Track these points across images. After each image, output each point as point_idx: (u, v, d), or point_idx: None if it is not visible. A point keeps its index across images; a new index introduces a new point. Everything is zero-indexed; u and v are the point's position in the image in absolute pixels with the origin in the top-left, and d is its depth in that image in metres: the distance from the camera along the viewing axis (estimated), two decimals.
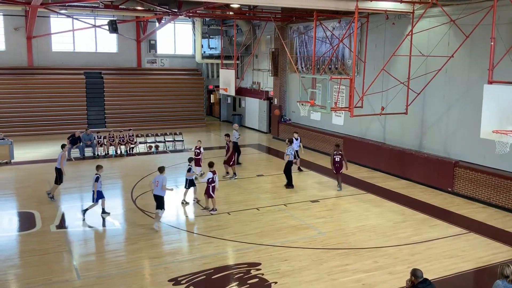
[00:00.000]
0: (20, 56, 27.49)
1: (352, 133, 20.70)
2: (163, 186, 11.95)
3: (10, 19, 26.93)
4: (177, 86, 30.51)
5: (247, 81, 29.78)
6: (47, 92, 27.04)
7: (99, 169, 12.93)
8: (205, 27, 28.98)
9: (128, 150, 21.57)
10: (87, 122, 27.32)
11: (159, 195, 12.03)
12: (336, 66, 21.15)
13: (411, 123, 17.51)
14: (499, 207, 13.97)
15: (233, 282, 9.19)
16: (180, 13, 22.25)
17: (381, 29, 18.29)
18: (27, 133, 25.59)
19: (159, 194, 12.03)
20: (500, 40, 12.93)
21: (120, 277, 9.36)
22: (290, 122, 25.11)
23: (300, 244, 11.11)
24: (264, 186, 16.41)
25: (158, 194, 12.03)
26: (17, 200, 14.92)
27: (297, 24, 23.75)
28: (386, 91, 17.17)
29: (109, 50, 29.92)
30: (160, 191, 12.02)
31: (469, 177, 14.90)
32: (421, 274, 6.53)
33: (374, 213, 13.54)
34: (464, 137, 15.57)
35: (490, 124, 10.36)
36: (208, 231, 11.90)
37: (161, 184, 11.91)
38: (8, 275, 9.45)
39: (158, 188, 11.97)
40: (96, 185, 12.60)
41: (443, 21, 15.24)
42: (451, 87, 15.93)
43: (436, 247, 11.05)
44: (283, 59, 25.32)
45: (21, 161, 19.55)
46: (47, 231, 11.81)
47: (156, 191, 12.04)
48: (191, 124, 29.58)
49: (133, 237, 11.49)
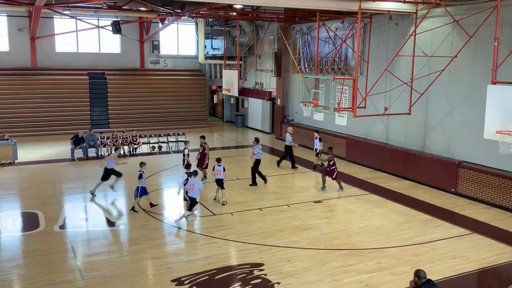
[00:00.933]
0: (24, 56, 27.59)
1: (355, 133, 20.68)
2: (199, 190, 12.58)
3: (14, 20, 27.02)
4: (180, 87, 30.56)
5: (250, 82, 29.79)
6: (50, 92, 27.13)
7: (143, 165, 13.27)
8: (208, 28, 29.03)
9: (131, 151, 21.62)
10: (91, 122, 27.38)
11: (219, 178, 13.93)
12: (339, 66, 21.13)
13: (415, 124, 17.47)
14: (502, 208, 13.93)
15: (236, 283, 9.19)
16: (183, 14, 22.28)
17: (384, 30, 18.27)
18: (30, 134, 25.67)
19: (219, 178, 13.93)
20: (504, 40, 12.89)
21: (123, 278, 9.37)
22: (293, 123, 25.10)
23: (303, 245, 11.10)
24: (267, 186, 16.40)
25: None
26: (20, 200, 14.96)
27: (300, 25, 23.75)
28: (389, 91, 17.14)
29: (113, 51, 29.99)
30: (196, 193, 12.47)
31: (472, 177, 14.86)
32: (424, 275, 6.52)
33: (377, 214, 13.52)
34: (467, 137, 15.53)
35: (494, 125, 10.32)
36: (211, 232, 11.91)
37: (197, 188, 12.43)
38: (11, 275, 9.48)
39: (194, 191, 12.41)
40: (141, 181, 12.93)
41: (447, 21, 15.20)
42: (455, 88, 15.89)
43: (439, 248, 11.02)
44: (286, 60, 25.31)
45: (25, 162, 19.62)
46: (50, 231, 11.84)
47: (191, 194, 12.45)
48: (194, 125, 29.61)
49: (136, 238, 11.50)
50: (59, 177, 17.46)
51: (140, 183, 13.09)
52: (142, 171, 13.18)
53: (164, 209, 14.07)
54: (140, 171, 13.15)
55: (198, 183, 12.53)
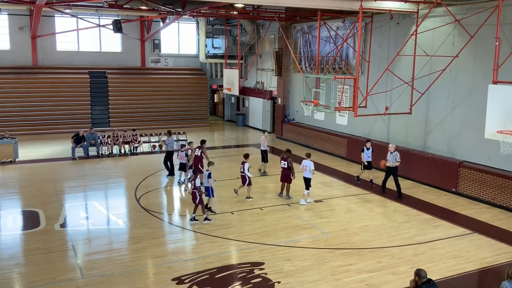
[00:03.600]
0: (25, 55, 27.61)
1: (356, 133, 20.67)
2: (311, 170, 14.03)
3: (15, 19, 27.04)
4: (181, 86, 30.57)
5: (251, 81, 29.78)
6: (51, 91, 27.15)
7: (211, 165, 13.21)
8: (209, 27, 29.00)
9: (132, 149, 21.63)
10: (91, 121, 27.43)
11: (307, 177, 14.16)
12: (340, 66, 21.12)
13: (415, 123, 17.46)
14: (503, 208, 13.92)
15: (236, 282, 9.19)
16: (184, 13, 22.28)
17: (386, 29, 18.26)
18: (31, 132, 25.70)
19: (307, 177, 14.16)
20: (505, 40, 12.89)
21: (124, 276, 9.38)
22: (294, 122, 25.10)
23: (303, 244, 11.10)
24: (267, 185, 16.40)
25: (306, 177, 14.17)
26: (21, 198, 14.97)
27: (301, 24, 23.74)
28: (390, 91, 17.13)
29: (113, 50, 30.00)
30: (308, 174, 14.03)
31: (473, 177, 14.85)
32: (425, 275, 6.51)
33: (378, 213, 13.52)
34: (468, 137, 15.52)
35: (495, 124, 10.31)
36: (211, 231, 11.91)
37: (309, 168, 13.96)
38: (12, 274, 9.48)
39: (306, 171, 14.02)
40: (210, 181, 12.91)
41: (448, 21, 15.19)
42: (456, 87, 15.88)
43: (439, 247, 11.02)
44: (287, 59, 25.30)
45: (26, 160, 19.64)
46: (51, 230, 11.85)
47: (304, 174, 14.09)
48: (194, 124, 29.64)
49: (137, 236, 11.51)
50: (59, 175, 17.47)
51: (208, 183, 12.94)
52: (210, 170, 13.05)
53: (164, 208, 14.09)
54: (208, 170, 13.04)
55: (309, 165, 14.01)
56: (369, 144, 16.38)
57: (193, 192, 12.36)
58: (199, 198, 12.31)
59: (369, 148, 16.27)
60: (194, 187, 12.35)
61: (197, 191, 12.30)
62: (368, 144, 16.37)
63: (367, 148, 16.25)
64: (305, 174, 14.15)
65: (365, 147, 16.28)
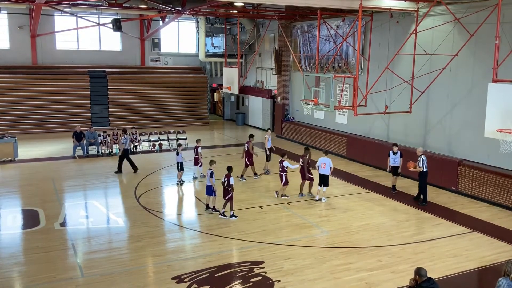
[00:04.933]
0: (25, 54, 27.57)
1: (356, 132, 20.67)
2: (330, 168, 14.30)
3: (15, 18, 27.00)
4: (181, 85, 30.54)
5: (250, 80, 29.77)
6: (51, 90, 27.12)
7: (212, 163, 13.12)
8: (209, 26, 28.98)
9: (132, 148, 21.59)
10: (91, 120, 27.41)
11: (325, 174, 14.27)
12: (340, 64, 21.11)
13: (415, 122, 17.46)
14: (503, 206, 13.93)
15: (236, 280, 9.20)
16: (183, 12, 22.26)
17: (385, 28, 18.25)
18: (31, 131, 25.69)
19: (325, 174, 14.27)
20: (505, 38, 12.88)
21: (124, 275, 9.38)
22: (293, 121, 25.09)
23: (303, 243, 11.11)
24: (267, 184, 16.40)
25: (324, 174, 14.28)
26: (21, 197, 14.97)
27: (300, 23, 23.72)
28: (390, 89, 17.13)
29: (113, 49, 29.96)
30: (326, 171, 14.24)
31: (473, 176, 14.86)
32: (425, 273, 6.51)
33: (378, 212, 13.52)
34: (468, 136, 15.52)
35: (495, 123, 10.31)
36: (211, 229, 11.91)
37: (328, 166, 14.21)
38: (12, 273, 9.48)
39: (324, 169, 14.17)
40: (212, 180, 12.86)
41: (448, 20, 15.18)
42: (455, 86, 15.88)
43: (439, 246, 11.03)
44: (286, 58, 25.29)
45: (25, 159, 19.63)
46: (51, 229, 11.85)
47: (321, 171, 14.24)
48: (194, 123, 29.62)
49: (137, 235, 11.51)
50: (59, 174, 17.47)
51: (210, 182, 12.91)
52: (213, 169, 12.97)
53: (164, 207, 14.09)
54: (210, 169, 12.94)
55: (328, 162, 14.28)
56: (396, 148, 15.19)
57: (225, 189, 12.61)
58: (230, 195, 12.57)
59: (396, 153, 15.12)
60: (228, 184, 12.54)
61: (229, 188, 12.52)
62: (395, 148, 15.19)
63: (393, 153, 15.15)
64: (322, 171, 14.24)
65: (392, 151, 15.24)
